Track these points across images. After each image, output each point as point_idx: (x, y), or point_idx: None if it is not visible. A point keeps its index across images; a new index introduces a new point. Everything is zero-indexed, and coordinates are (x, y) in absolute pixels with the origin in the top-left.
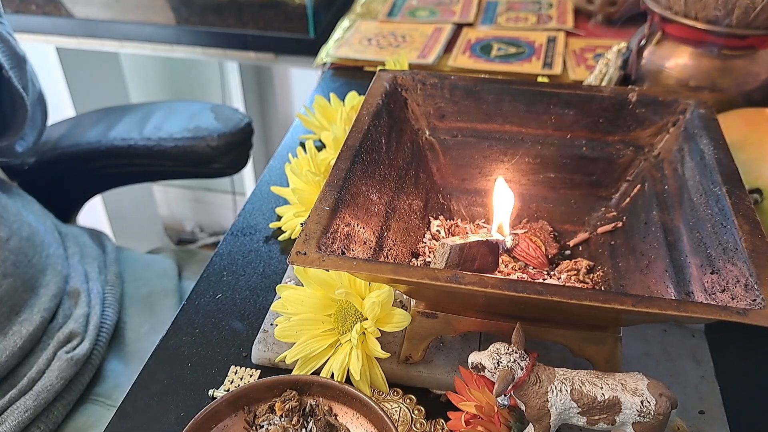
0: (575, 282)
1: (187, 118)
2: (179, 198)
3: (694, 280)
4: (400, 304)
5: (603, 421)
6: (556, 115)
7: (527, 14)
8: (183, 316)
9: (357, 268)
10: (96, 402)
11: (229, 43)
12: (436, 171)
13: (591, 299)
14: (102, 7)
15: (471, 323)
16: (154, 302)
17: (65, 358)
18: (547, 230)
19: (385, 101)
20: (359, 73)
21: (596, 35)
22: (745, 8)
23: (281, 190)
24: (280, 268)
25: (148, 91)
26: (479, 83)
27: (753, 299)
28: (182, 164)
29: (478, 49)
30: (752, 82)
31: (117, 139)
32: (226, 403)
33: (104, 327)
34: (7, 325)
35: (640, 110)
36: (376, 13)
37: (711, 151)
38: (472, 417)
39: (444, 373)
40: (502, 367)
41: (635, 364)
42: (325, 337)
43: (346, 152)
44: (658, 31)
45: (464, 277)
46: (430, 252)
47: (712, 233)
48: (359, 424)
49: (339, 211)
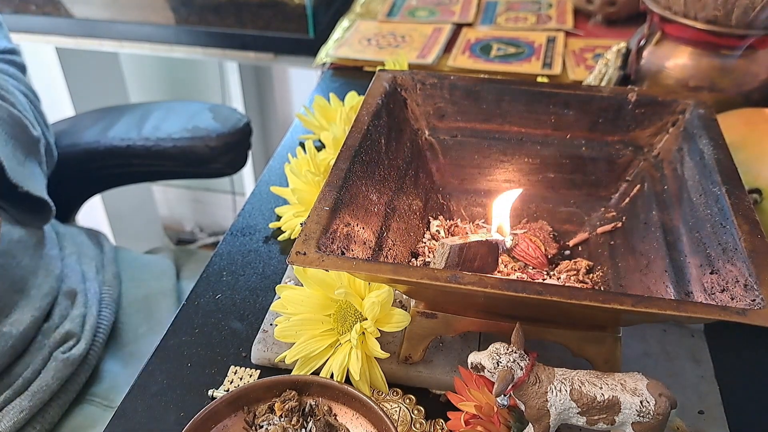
0: (575, 282)
1: (186, 118)
2: (178, 198)
3: (693, 280)
4: (399, 304)
5: (602, 421)
6: (555, 115)
7: (527, 14)
8: (183, 316)
9: (356, 268)
10: (92, 402)
11: (229, 43)
12: (435, 171)
13: (590, 299)
14: (101, 7)
15: (470, 323)
16: (152, 303)
17: (61, 359)
18: (547, 230)
19: (385, 101)
20: (359, 73)
21: (596, 35)
22: (745, 8)
23: (281, 190)
24: (280, 268)
25: (148, 91)
26: (479, 83)
27: (752, 299)
28: (181, 164)
29: (478, 49)
30: (751, 82)
31: (116, 139)
32: (226, 403)
33: (101, 327)
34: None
35: (639, 110)
36: (375, 13)
37: (710, 151)
38: (471, 417)
39: (443, 373)
40: (502, 367)
41: (635, 364)
42: (325, 337)
43: (345, 152)
44: (658, 31)
45: (464, 277)
46: (429, 252)
47: (711, 233)
48: (359, 424)
49: (338, 211)
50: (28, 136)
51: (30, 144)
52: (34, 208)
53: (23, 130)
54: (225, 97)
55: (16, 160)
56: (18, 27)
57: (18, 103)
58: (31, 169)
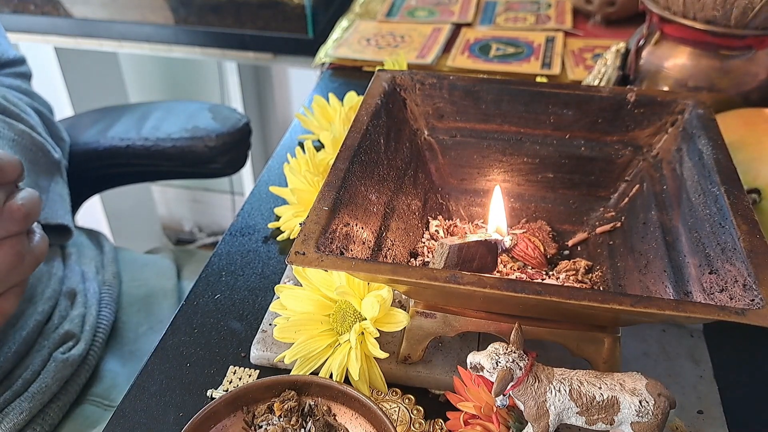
0: (574, 282)
1: (185, 118)
2: (178, 198)
3: (692, 280)
4: (398, 304)
5: (601, 421)
6: (554, 115)
7: (526, 14)
8: (181, 317)
9: (356, 268)
10: (93, 402)
11: (228, 42)
12: (434, 171)
13: (589, 299)
14: (100, 7)
15: (470, 323)
16: (153, 302)
17: (61, 359)
18: (546, 230)
19: (384, 101)
20: (358, 73)
21: (595, 35)
22: (744, 8)
23: (280, 191)
24: (279, 268)
25: (147, 91)
26: (478, 83)
27: (751, 299)
28: (180, 164)
29: (477, 49)
30: (750, 82)
31: (115, 139)
32: (225, 403)
33: (100, 327)
34: (3, 337)
35: (638, 110)
36: (374, 13)
37: (709, 151)
38: (470, 417)
39: (443, 373)
40: (501, 367)
41: (634, 363)
42: (324, 337)
43: (344, 152)
44: (657, 32)
45: (463, 277)
46: (428, 252)
47: (710, 233)
48: (358, 424)
49: (338, 211)
50: (49, 160)
51: (52, 167)
52: (54, 231)
53: (45, 155)
54: (224, 97)
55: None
56: (17, 27)
57: (37, 125)
58: (55, 194)
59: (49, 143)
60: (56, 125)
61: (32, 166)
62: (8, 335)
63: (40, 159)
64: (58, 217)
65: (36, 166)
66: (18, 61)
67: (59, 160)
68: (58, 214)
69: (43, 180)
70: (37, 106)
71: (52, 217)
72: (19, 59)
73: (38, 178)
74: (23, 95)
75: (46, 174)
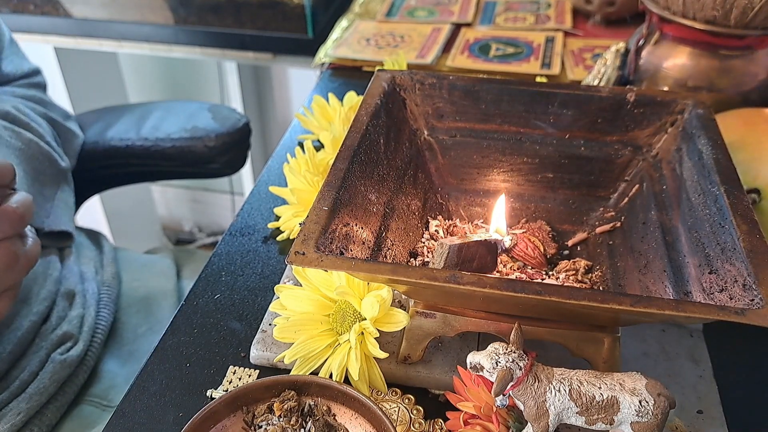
0: (574, 282)
1: (185, 118)
2: (177, 198)
3: (692, 280)
4: (398, 304)
5: (601, 421)
6: (554, 115)
7: (525, 14)
8: (181, 317)
9: (355, 268)
10: (91, 403)
11: (228, 42)
12: (434, 171)
13: (589, 299)
14: (100, 7)
15: (469, 323)
16: (152, 302)
17: (59, 360)
18: (546, 230)
19: (384, 101)
20: (358, 73)
21: (594, 35)
22: (743, 8)
23: (280, 190)
24: (279, 268)
25: (147, 91)
26: (478, 83)
27: (751, 299)
28: (180, 164)
29: (477, 49)
30: (750, 82)
31: (114, 139)
32: (225, 403)
33: (99, 328)
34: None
35: (638, 110)
36: (374, 13)
37: (709, 151)
38: (470, 417)
39: (442, 373)
40: (501, 367)
41: (634, 363)
42: (324, 337)
43: (344, 152)
44: (657, 31)
45: (463, 277)
46: (428, 252)
47: (710, 233)
48: (358, 424)
49: (337, 211)
50: (55, 168)
51: (59, 176)
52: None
53: (52, 164)
54: (224, 97)
55: (42, 198)
56: (16, 27)
57: (46, 134)
58: (60, 201)
59: (57, 152)
60: (70, 131)
61: (38, 175)
62: (2, 336)
63: (47, 168)
64: (62, 224)
65: (42, 175)
66: (33, 73)
67: (66, 168)
68: (62, 221)
69: (48, 188)
70: (50, 115)
71: (56, 224)
72: (33, 70)
73: (44, 186)
74: (37, 104)
75: (52, 182)
